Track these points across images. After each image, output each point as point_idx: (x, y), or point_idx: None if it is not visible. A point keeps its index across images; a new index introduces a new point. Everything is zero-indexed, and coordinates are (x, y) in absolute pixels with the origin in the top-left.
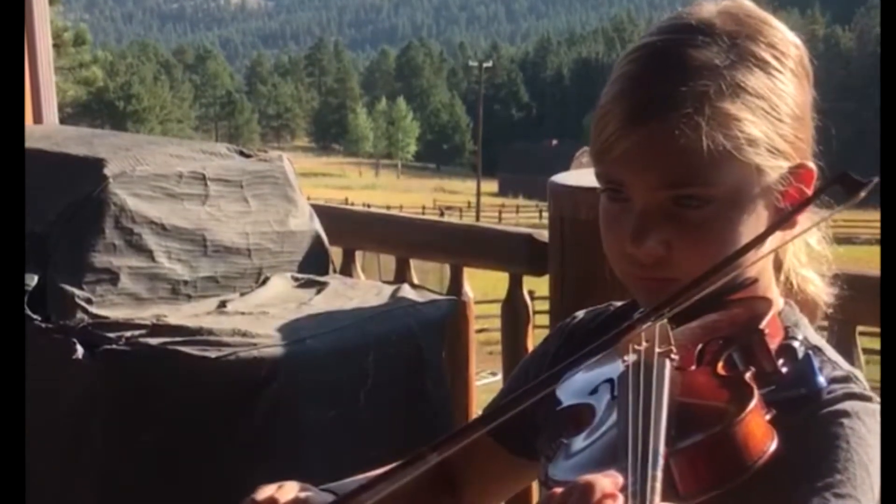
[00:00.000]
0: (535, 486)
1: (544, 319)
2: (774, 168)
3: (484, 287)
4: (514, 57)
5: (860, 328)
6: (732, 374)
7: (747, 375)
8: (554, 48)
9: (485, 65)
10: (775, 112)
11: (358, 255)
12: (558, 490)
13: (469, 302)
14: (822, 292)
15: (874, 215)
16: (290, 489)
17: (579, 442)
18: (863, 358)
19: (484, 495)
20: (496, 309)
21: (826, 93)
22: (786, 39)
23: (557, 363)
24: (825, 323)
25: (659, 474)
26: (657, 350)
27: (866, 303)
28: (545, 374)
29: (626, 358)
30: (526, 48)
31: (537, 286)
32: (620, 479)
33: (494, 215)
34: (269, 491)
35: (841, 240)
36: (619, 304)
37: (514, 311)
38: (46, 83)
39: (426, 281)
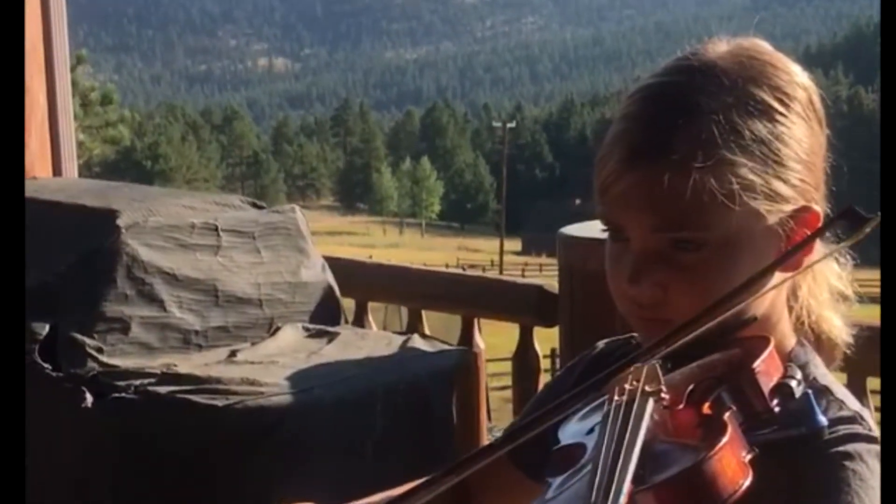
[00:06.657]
0: None
1: None
2: (774, 212)
3: (507, 343)
4: (537, 118)
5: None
6: (713, 413)
7: (726, 415)
8: (577, 109)
9: (508, 125)
10: (775, 156)
11: (378, 307)
12: None
13: (480, 353)
14: (842, 332)
15: (870, 274)
16: None
17: (561, 480)
18: (872, 405)
19: None
20: None
21: (851, 153)
22: (792, 81)
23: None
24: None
25: None
26: (641, 389)
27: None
28: (553, 403)
29: (615, 398)
30: (550, 109)
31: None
32: None
33: (518, 273)
34: None
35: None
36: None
37: (524, 361)
38: (66, 137)
39: (450, 333)
